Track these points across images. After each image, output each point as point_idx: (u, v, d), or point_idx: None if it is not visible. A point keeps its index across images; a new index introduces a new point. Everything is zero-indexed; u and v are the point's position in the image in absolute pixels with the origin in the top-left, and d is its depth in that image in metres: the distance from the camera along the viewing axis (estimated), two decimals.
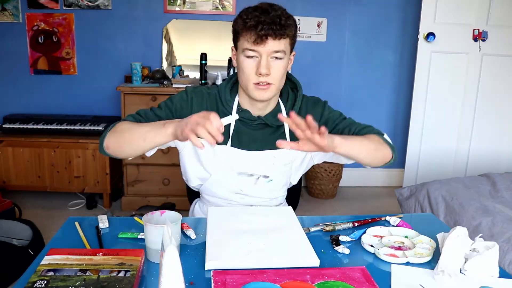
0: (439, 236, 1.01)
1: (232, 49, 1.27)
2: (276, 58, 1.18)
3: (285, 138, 1.32)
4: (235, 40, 1.23)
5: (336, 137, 1.08)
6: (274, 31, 1.14)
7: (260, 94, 1.21)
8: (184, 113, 1.24)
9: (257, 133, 1.30)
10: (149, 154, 1.25)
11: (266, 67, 1.17)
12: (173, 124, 1.07)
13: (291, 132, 1.30)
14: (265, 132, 1.31)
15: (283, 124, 1.31)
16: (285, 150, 1.31)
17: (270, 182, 1.35)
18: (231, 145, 1.29)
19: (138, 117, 1.24)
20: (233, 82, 1.32)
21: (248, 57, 1.18)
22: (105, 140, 1.17)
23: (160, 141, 1.12)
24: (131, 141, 1.14)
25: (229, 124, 1.28)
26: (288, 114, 1.29)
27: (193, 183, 1.41)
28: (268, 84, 1.20)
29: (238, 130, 1.29)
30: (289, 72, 1.34)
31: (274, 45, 1.16)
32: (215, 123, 0.97)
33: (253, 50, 1.17)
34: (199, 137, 0.97)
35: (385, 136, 1.28)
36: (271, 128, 1.31)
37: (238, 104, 1.30)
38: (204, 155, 1.32)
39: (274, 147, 1.29)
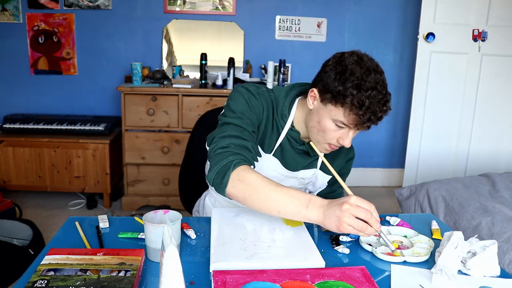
0: (446, 234, 1.01)
1: (312, 90, 1.18)
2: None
3: (315, 165, 1.34)
4: (329, 95, 1.11)
5: None
6: (375, 123, 1.11)
7: (325, 152, 1.24)
8: (259, 112, 1.21)
9: (298, 157, 1.30)
10: None
11: (351, 142, 1.17)
12: (320, 214, 0.98)
13: (322, 165, 1.33)
14: (304, 158, 1.31)
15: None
16: (313, 174, 1.35)
17: None
18: (273, 155, 1.28)
19: (243, 141, 1.12)
20: (292, 96, 1.26)
21: (337, 125, 1.14)
22: (229, 186, 1.03)
23: (296, 219, 1.05)
24: (261, 205, 1.01)
25: (279, 136, 1.26)
26: None
27: None
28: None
29: (283, 146, 1.28)
30: None
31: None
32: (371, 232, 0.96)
33: (346, 126, 1.13)
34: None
35: None
36: (310, 156, 1.32)
37: (292, 122, 1.26)
38: None
39: (306, 168, 1.34)
